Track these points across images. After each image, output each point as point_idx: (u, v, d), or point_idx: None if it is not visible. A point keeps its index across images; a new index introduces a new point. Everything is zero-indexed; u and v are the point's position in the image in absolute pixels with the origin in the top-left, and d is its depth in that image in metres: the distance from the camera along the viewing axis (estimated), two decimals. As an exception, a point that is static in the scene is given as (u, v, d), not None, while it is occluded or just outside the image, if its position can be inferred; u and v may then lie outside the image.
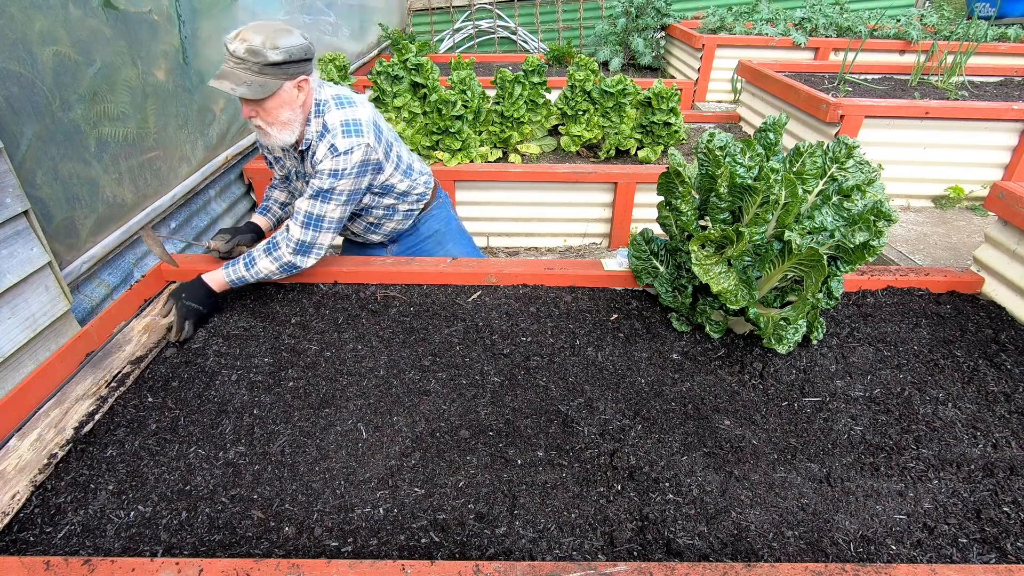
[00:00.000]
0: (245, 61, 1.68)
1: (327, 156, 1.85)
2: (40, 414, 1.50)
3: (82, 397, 1.58)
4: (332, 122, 1.86)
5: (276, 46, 1.68)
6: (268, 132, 1.84)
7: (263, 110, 1.78)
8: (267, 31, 1.69)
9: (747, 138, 1.80)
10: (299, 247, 1.90)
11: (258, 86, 1.70)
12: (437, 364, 1.75)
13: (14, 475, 1.33)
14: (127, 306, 1.98)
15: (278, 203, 2.30)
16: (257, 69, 1.69)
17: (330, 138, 1.85)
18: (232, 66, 1.69)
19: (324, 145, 1.85)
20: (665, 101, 3.57)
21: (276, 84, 1.73)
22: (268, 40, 1.67)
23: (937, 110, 3.47)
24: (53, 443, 1.42)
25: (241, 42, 1.66)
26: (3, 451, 1.40)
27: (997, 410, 1.60)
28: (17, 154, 1.85)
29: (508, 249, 3.72)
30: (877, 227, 1.58)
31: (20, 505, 1.27)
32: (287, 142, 1.89)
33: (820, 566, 1.09)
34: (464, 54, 6.79)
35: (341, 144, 1.84)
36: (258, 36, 1.67)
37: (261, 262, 1.91)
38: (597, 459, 1.43)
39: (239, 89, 1.68)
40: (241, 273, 1.91)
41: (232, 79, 1.69)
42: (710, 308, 1.81)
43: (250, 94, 1.70)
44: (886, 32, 5.79)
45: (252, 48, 1.66)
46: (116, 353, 1.75)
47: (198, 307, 1.83)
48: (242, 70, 1.69)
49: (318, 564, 1.09)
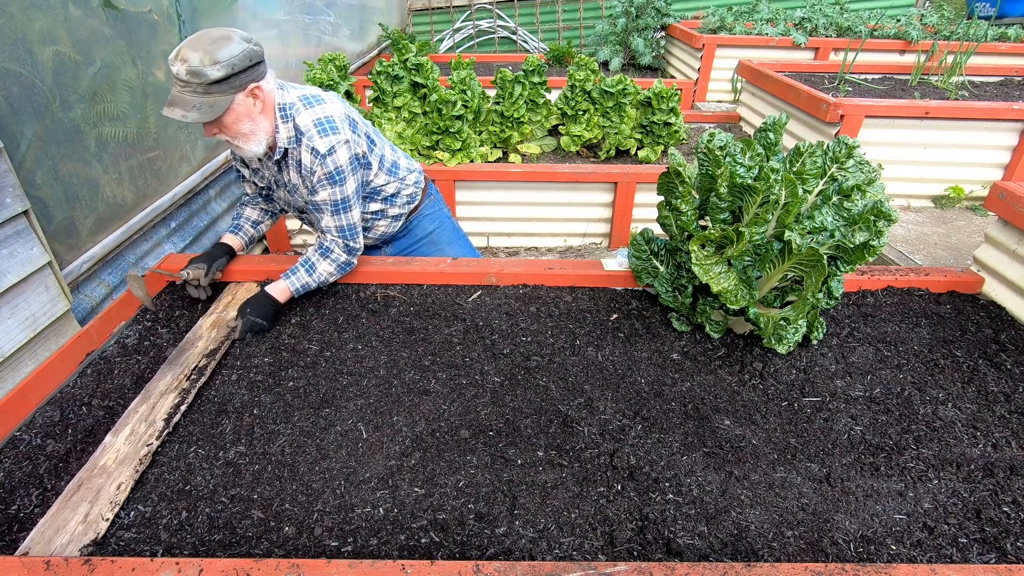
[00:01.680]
0: (189, 84, 1.58)
1: (316, 163, 1.80)
2: (129, 410, 1.56)
3: (166, 392, 1.62)
4: (304, 124, 1.79)
5: (216, 61, 1.57)
6: (238, 145, 1.76)
7: (223, 127, 1.70)
8: (204, 45, 1.58)
9: (747, 138, 1.80)
10: (348, 249, 1.99)
11: (208, 107, 1.61)
12: (437, 364, 1.75)
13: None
14: (127, 306, 1.98)
15: (250, 221, 2.17)
16: (202, 90, 1.59)
17: (307, 141, 1.79)
18: (179, 90, 1.60)
19: (306, 151, 1.80)
20: (665, 101, 3.57)
21: (226, 100, 1.63)
22: (206, 56, 1.56)
23: (937, 110, 3.47)
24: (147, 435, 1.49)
25: (181, 63, 1.56)
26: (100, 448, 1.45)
27: (997, 410, 1.60)
28: (17, 154, 1.85)
29: (508, 249, 3.72)
30: (877, 227, 1.58)
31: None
32: (258, 152, 1.79)
33: (820, 566, 1.09)
34: (464, 54, 6.80)
35: (321, 145, 1.78)
36: (195, 54, 1.56)
37: (321, 266, 1.97)
38: (597, 459, 1.43)
39: (190, 115, 1.60)
40: (305, 280, 1.97)
41: (181, 105, 1.60)
42: (710, 308, 1.81)
43: (202, 118, 1.62)
44: (886, 32, 5.79)
45: (192, 69, 1.56)
46: (189, 349, 1.78)
47: (263, 322, 1.87)
48: (188, 93, 1.59)
49: (318, 564, 1.09)
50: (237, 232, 2.16)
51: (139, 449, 1.43)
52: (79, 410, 1.59)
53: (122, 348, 1.84)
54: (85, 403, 1.61)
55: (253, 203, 2.20)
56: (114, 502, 1.30)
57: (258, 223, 2.20)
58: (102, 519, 1.26)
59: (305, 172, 1.84)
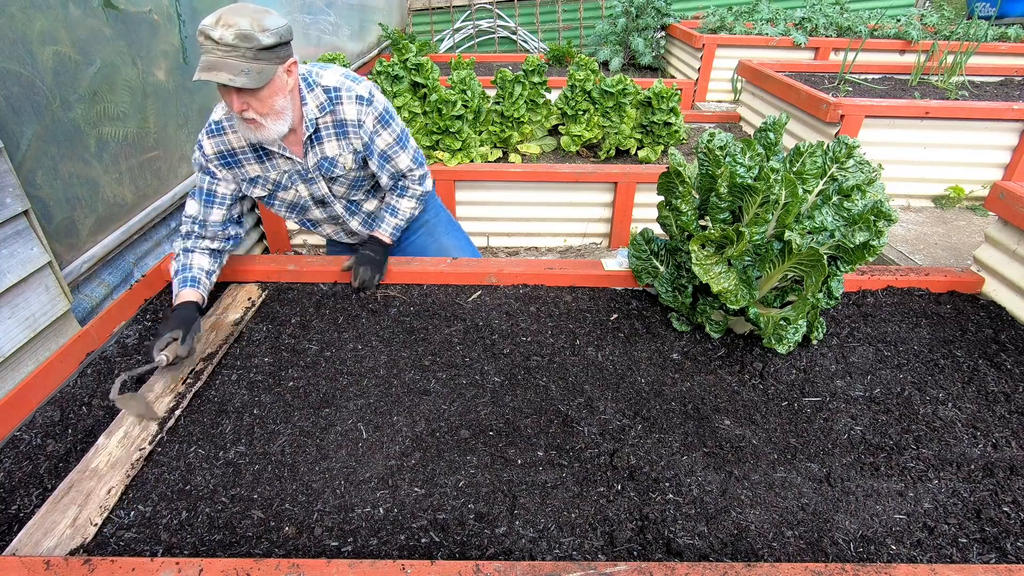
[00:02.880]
0: (236, 48, 1.49)
1: (364, 110, 1.80)
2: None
3: (162, 394, 1.61)
4: (334, 81, 1.77)
5: (265, 28, 1.52)
6: (263, 124, 1.66)
7: (257, 100, 1.61)
8: (249, 13, 1.52)
9: (747, 138, 1.80)
10: (422, 179, 2.08)
11: (256, 74, 1.53)
12: (437, 364, 1.75)
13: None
14: (127, 306, 1.98)
15: (204, 271, 1.86)
16: (251, 55, 1.51)
17: (346, 93, 1.77)
18: (222, 55, 1.50)
19: (349, 104, 1.78)
20: (665, 101, 3.57)
21: (272, 70, 1.57)
22: (256, 22, 1.51)
23: (937, 110, 3.47)
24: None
25: (226, 27, 1.47)
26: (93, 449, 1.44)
27: (997, 410, 1.60)
28: (17, 154, 1.85)
29: (508, 249, 3.71)
30: (877, 227, 1.58)
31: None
32: (282, 132, 1.71)
33: (820, 566, 1.09)
34: (464, 54, 6.79)
35: (362, 90, 1.79)
36: (243, 19, 1.49)
37: (402, 204, 2.08)
38: (597, 459, 1.43)
39: (238, 79, 1.50)
40: (395, 223, 2.10)
41: (227, 69, 1.50)
42: (710, 308, 1.81)
43: (251, 83, 1.52)
44: (886, 32, 5.79)
45: (243, 33, 1.48)
46: None
47: (376, 256, 2.06)
48: (235, 58, 1.50)
49: (318, 564, 1.09)
50: (196, 285, 1.82)
51: (131, 453, 1.42)
52: (79, 410, 1.59)
53: (122, 348, 1.84)
54: (85, 403, 1.61)
55: (198, 247, 1.88)
56: (104, 506, 1.29)
57: (211, 272, 1.89)
58: (91, 524, 1.24)
59: (352, 128, 1.82)
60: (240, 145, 1.82)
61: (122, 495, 1.33)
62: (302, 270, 2.16)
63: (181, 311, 1.72)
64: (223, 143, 1.81)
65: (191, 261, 1.85)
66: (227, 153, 1.82)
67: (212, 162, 1.82)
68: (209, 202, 1.86)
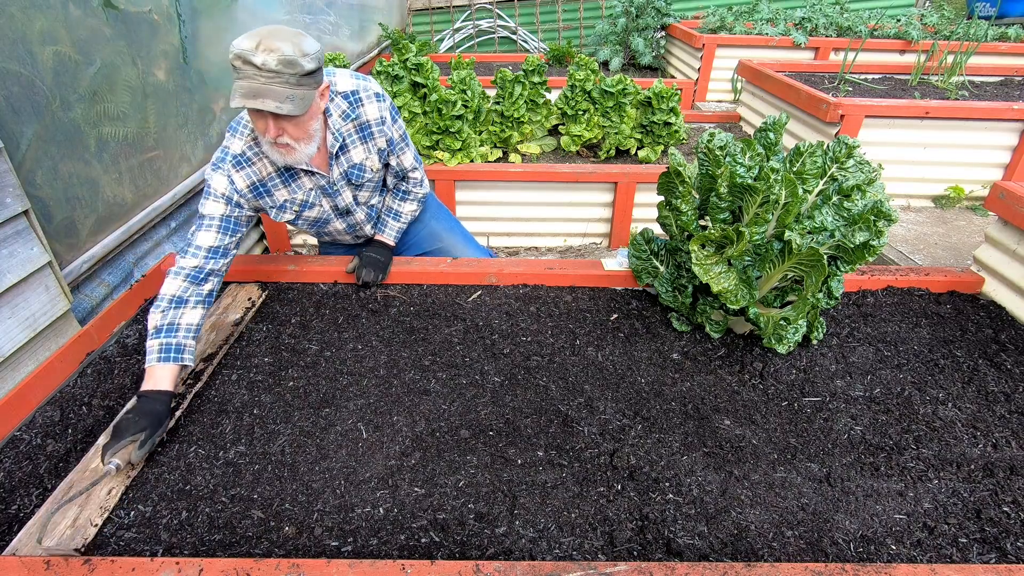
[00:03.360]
0: (280, 74, 1.45)
1: (382, 107, 1.82)
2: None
3: None
4: (349, 85, 1.77)
5: (306, 53, 1.48)
6: (295, 148, 1.63)
7: (293, 126, 1.57)
8: (288, 37, 1.48)
9: (747, 138, 1.80)
10: (421, 181, 2.14)
11: (299, 100, 1.50)
12: (437, 364, 1.75)
13: None
14: (127, 306, 1.98)
15: (191, 334, 1.60)
16: (295, 81, 1.48)
17: (363, 92, 1.78)
18: (264, 81, 1.45)
19: (368, 103, 1.79)
20: (665, 101, 3.57)
21: (312, 95, 1.55)
22: (297, 47, 1.47)
23: (937, 110, 3.47)
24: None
25: (268, 53, 1.43)
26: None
27: (997, 410, 1.60)
28: (17, 154, 1.85)
29: (508, 249, 3.71)
30: (877, 227, 1.58)
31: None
32: (312, 154, 1.69)
33: (820, 566, 1.09)
34: (464, 54, 6.79)
35: (375, 87, 1.82)
36: (284, 44, 1.45)
37: (404, 207, 2.14)
38: (597, 459, 1.43)
39: (284, 107, 1.47)
40: (397, 227, 2.16)
41: (272, 96, 1.46)
42: (710, 308, 1.81)
43: (296, 110, 1.49)
44: (886, 32, 5.79)
45: (286, 58, 1.44)
46: None
47: (379, 258, 2.10)
48: (279, 84, 1.46)
49: (318, 564, 1.09)
50: (179, 359, 1.54)
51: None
52: (79, 410, 1.59)
53: (122, 348, 1.84)
54: (85, 403, 1.61)
55: (194, 295, 1.64)
56: (104, 507, 1.29)
57: (198, 331, 1.64)
58: (91, 524, 1.24)
59: (376, 126, 1.83)
60: (267, 173, 1.77)
61: (122, 495, 1.33)
62: (302, 270, 2.16)
63: (153, 404, 1.43)
64: (253, 174, 1.75)
65: (180, 319, 1.59)
66: (258, 184, 1.77)
67: (244, 196, 1.75)
68: (235, 230, 1.75)
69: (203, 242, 1.68)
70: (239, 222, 1.76)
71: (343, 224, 2.07)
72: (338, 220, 2.03)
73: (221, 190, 1.71)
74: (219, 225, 1.71)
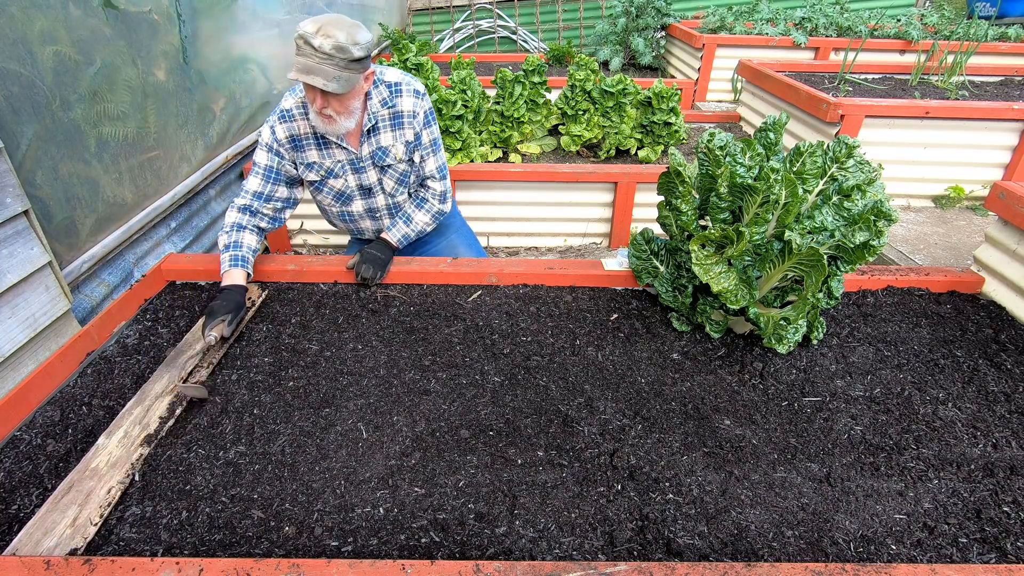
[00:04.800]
0: (332, 57, 1.71)
1: (419, 103, 2.04)
2: (124, 412, 1.55)
3: (161, 395, 1.61)
4: (396, 78, 2.03)
5: (357, 42, 1.74)
6: (336, 120, 1.89)
7: (338, 102, 1.84)
8: (345, 27, 1.74)
9: (747, 138, 1.80)
10: (443, 197, 2.23)
11: (344, 81, 1.76)
12: (437, 364, 1.75)
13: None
14: (127, 306, 1.98)
15: (251, 251, 2.01)
16: (343, 65, 1.74)
17: (406, 87, 2.03)
18: (318, 61, 1.72)
19: (407, 96, 2.02)
20: (665, 101, 3.57)
21: (356, 79, 1.80)
22: (350, 36, 1.73)
23: (937, 110, 3.47)
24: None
25: (326, 38, 1.69)
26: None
27: (997, 410, 1.60)
28: (17, 154, 1.85)
29: (508, 249, 3.71)
30: (877, 227, 1.58)
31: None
32: (349, 129, 1.95)
33: (820, 566, 1.09)
34: (464, 54, 6.79)
35: (419, 87, 2.05)
36: (340, 32, 1.71)
37: (417, 216, 2.20)
38: (597, 459, 1.43)
39: (330, 85, 1.74)
40: (405, 231, 2.20)
41: (322, 75, 1.73)
42: (710, 308, 1.81)
43: (339, 89, 1.76)
44: (886, 32, 5.79)
45: (339, 45, 1.70)
46: (187, 351, 1.77)
47: (380, 255, 2.13)
48: (330, 66, 1.73)
49: (318, 564, 1.09)
50: (246, 266, 1.98)
51: (131, 453, 1.42)
52: (79, 410, 1.59)
53: (122, 348, 1.84)
54: (85, 403, 1.61)
55: (250, 225, 2.03)
56: (103, 506, 1.29)
57: (256, 252, 2.06)
58: (91, 524, 1.24)
59: (408, 119, 2.04)
60: (305, 132, 2.02)
61: (122, 495, 1.33)
62: (302, 270, 2.16)
63: (234, 294, 1.87)
64: (292, 129, 2.01)
65: (242, 239, 2.01)
66: (295, 138, 2.03)
67: (283, 145, 2.03)
68: (277, 180, 2.06)
69: (250, 187, 2.04)
70: (280, 172, 2.05)
71: (364, 206, 2.20)
72: (360, 200, 2.19)
73: (267, 140, 2.02)
74: (263, 173, 2.04)
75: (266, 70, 3.65)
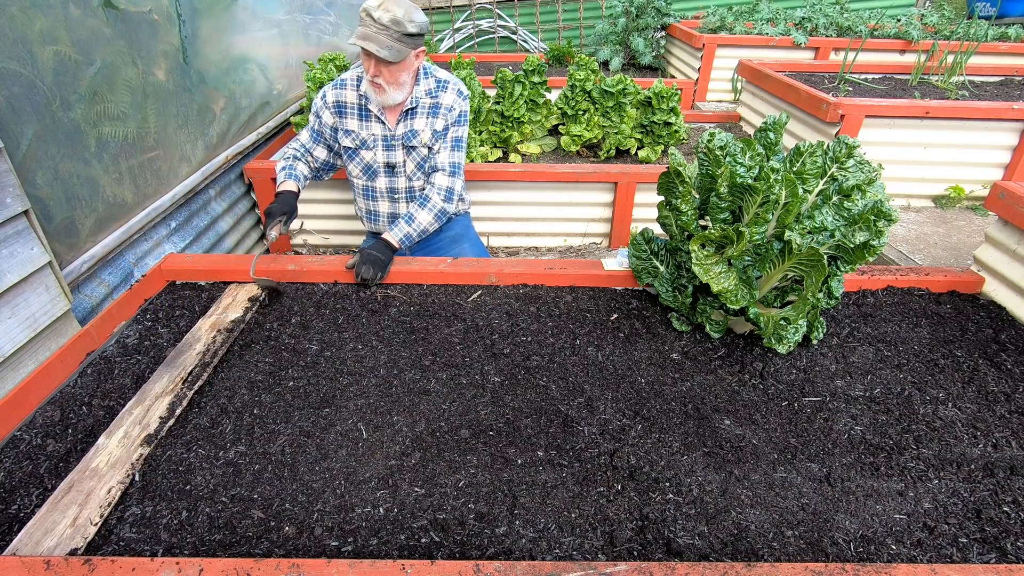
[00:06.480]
0: (388, 28, 1.97)
1: (458, 101, 2.26)
2: (124, 412, 1.56)
3: (161, 395, 1.61)
4: (446, 76, 2.28)
5: (412, 20, 2.00)
6: (386, 90, 2.12)
7: (388, 71, 2.07)
8: (404, 5, 1.99)
9: (747, 138, 1.80)
10: (448, 194, 2.31)
11: (396, 51, 2.00)
12: (437, 364, 1.75)
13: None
14: (127, 306, 1.98)
15: (303, 175, 2.33)
16: (397, 37, 1.99)
17: (453, 85, 2.26)
18: (375, 31, 1.97)
19: (451, 92, 2.25)
20: (665, 101, 3.57)
21: (407, 51, 2.04)
22: (407, 14, 1.98)
23: (937, 110, 3.47)
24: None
25: (385, 12, 1.96)
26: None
27: (997, 410, 1.60)
28: (17, 154, 1.85)
29: (508, 249, 3.71)
30: (877, 227, 1.58)
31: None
32: (397, 100, 2.18)
33: (820, 566, 1.09)
34: (464, 54, 6.79)
35: (464, 89, 2.28)
36: (399, 9, 1.97)
37: (420, 216, 2.27)
38: (597, 459, 1.43)
39: (383, 52, 1.98)
40: (406, 231, 2.26)
41: (376, 42, 1.97)
42: (710, 308, 1.81)
43: (390, 57, 1.99)
44: (886, 32, 5.79)
45: (396, 19, 1.96)
46: (187, 352, 1.77)
47: (379, 255, 2.15)
48: (385, 36, 1.98)
49: (318, 564, 1.09)
50: (298, 180, 2.28)
51: (131, 453, 1.42)
52: (79, 410, 1.59)
53: (122, 348, 1.84)
54: (85, 403, 1.61)
55: (304, 160, 2.37)
56: (104, 506, 1.29)
57: (306, 178, 2.36)
58: (91, 524, 1.24)
59: (444, 111, 2.25)
60: (352, 102, 2.27)
61: (122, 495, 1.33)
62: (302, 270, 2.16)
63: (288, 197, 2.17)
64: (340, 95, 2.28)
65: (296, 166, 2.32)
66: (340, 104, 2.29)
67: (329, 107, 2.30)
68: (318, 140, 2.37)
69: (302, 137, 2.39)
70: (320, 133, 2.36)
71: (387, 184, 2.39)
72: (384, 177, 2.38)
73: (317, 103, 2.32)
74: (309, 133, 2.38)
75: (266, 70, 3.65)
